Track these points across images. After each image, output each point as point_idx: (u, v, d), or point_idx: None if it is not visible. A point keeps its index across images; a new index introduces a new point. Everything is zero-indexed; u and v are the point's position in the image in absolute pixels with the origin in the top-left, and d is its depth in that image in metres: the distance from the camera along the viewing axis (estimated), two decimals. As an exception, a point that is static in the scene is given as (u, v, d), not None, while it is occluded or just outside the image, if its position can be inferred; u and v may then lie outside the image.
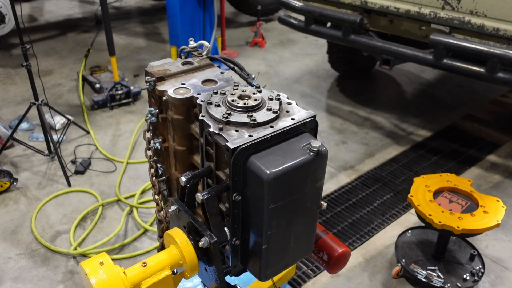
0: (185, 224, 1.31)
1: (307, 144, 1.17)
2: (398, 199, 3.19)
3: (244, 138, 1.15)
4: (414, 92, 4.75)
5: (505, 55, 2.75)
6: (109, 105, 4.23)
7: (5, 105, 4.30)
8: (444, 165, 3.57)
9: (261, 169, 1.11)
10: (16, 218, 2.96)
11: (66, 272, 2.59)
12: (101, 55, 5.21)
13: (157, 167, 1.58)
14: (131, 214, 3.01)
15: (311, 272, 2.61)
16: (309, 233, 1.35)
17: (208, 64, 1.57)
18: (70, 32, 6.19)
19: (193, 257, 1.25)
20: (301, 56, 5.58)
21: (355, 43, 3.44)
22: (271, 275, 1.31)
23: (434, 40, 2.97)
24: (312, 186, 1.21)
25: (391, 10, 3.20)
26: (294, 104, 1.31)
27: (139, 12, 7.20)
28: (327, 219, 3.00)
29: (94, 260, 1.19)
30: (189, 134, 1.41)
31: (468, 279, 2.44)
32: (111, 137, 3.86)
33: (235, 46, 5.81)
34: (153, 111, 1.46)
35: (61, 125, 3.87)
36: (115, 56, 4.01)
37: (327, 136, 3.94)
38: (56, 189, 3.22)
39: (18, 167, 3.43)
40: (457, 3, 2.91)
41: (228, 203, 1.23)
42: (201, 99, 1.31)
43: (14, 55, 5.42)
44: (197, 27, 4.75)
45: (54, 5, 7.29)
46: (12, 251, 2.72)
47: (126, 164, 3.48)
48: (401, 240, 2.69)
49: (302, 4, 3.63)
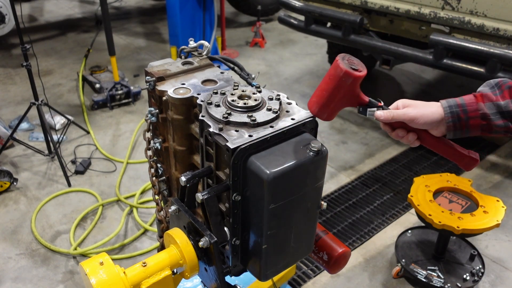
0: (185, 224, 1.31)
1: (307, 144, 1.17)
2: (398, 199, 3.19)
3: (244, 138, 1.15)
4: (414, 92, 4.75)
5: (505, 55, 2.75)
6: (109, 105, 4.23)
7: (5, 105, 4.30)
8: (444, 165, 3.58)
9: (261, 169, 1.11)
10: (16, 218, 2.96)
11: (66, 272, 2.59)
12: (101, 55, 5.21)
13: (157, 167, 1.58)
14: (131, 214, 3.01)
15: (311, 272, 2.61)
16: (309, 233, 1.35)
17: (208, 64, 1.57)
18: (70, 32, 6.19)
19: (193, 257, 1.25)
20: (301, 56, 5.58)
21: (355, 43, 3.44)
22: (271, 275, 1.31)
23: (434, 40, 2.97)
24: (312, 186, 1.21)
25: (391, 10, 3.20)
26: (294, 104, 1.31)
27: (139, 12, 7.20)
28: (327, 219, 3.00)
29: (94, 260, 1.18)
30: (189, 134, 1.40)
31: (468, 279, 2.44)
32: (111, 137, 3.86)
33: (235, 46, 5.81)
34: (153, 111, 1.46)
35: (61, 125, 3.87)
36: (115, 56, 4.01)
37: (327, 136, 3.94)
38: (56, 189, 3.22)
39: (18, 167, 3.43)
40: (457, 3, 2.91)
41: (228, 203, 1.23)
42: (201, 99, 1.31)
43: (14, 55, 5.43)
44: (197, 27, 4.75)
45: (54, 5, 7.29)
46: (12, 251, 2.72)
47: (126, 164, 3.48)
48: (401, 240, 2.69)
49: (302, 4, 3.63)
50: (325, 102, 1.18)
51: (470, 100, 1.18)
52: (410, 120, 1.18)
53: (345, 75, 1.13)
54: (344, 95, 1.17)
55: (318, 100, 1.18)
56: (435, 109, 1.19)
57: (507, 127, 1.17)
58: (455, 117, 1.17)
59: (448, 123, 1.17)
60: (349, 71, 1.12)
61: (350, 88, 1.16)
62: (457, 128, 1.18)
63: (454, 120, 1.17)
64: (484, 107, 1.16)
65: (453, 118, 1.17)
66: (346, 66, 1.13)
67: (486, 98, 1.17)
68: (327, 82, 1.16)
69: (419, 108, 1.19)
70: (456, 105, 1.18)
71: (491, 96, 1.17)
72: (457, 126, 1.17)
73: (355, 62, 1.16)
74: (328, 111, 1.19)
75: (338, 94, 1.16)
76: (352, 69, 1.13)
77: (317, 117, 1.23)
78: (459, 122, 1.17)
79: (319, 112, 1.20)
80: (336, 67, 1.13)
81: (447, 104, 1.18)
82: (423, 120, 1.18)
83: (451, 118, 1.17)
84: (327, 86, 1.16)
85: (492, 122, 1.16)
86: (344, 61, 1.14)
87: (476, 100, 1.18)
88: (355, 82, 1.15)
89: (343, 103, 1.19)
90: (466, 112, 1.17)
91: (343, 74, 1.12)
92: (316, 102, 1.19)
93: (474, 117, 1.16)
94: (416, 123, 1.19)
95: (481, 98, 1.18)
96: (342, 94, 1.16)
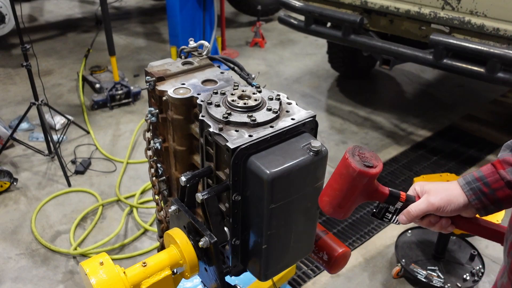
0: (185, 224, 1.31)
1: (307, 144, 1.17)
2: (398, 199, 3.19)
3: (244, 138, 1.15)
4: (414, 92, 4.75)
5: (505, 55, 2.75)
6: (109, 105, 4.23)
7: (5, 105, 4.30)
8: (444, 165, 3.57)
9: (261, 169, 1.11)
10: (16, 218, 2.96)
11: (66, 272, 2.59)
12: (101, 55, 5.21)
13: (157, 167, 1.58)
14: (131, 214, 3.01)
15: (311, 272, 2.61)
16: (309, 233, 1.35)
17: (208, 64, 1.57)
18: (70, 32, 6.19)
19: (193, 257, 1.25)
20: (301, 56, 5.58)
21: (355, 43, 3.44)
22: (271, 275, 1.31)
23: (434, 40, 2.97)
24: (312, 186, 1.21)
25: (391, 10, 3.20)
26: (294, 104, 1.31)
27: (139, 12, 7.20)
28: (327, 219, 3.00)
29: (94, 260, 1.18)
30: (189, 134, 1.40)
31: (468, 279, 2.44)
32: (111, 137, 3.86)
33: (235, 46, 5.81)
34: (153, 111, 1.46)
35: (61, 125, 3.87)
36: (115, 56, 4.01)
37: (327, 136, 3.94)
38: (56, 189, 3.22)
39: (18, 167, 3.43)
40: (457, 3, 2.91)
41: (228, 203, 1.22)
42: (201, 99, 1.31)
43: (14, 55, 5.42)
44: (197, 27, 4.75)
45: (54, 5, 7.29)
46: (12, 251, 2.72)
47: (126, 164, 3.48)
48: (401, 240, 2.69)
49: (302, 4, 3.63)
50: (339, 203, 1.06)
51: (489, 170, 1.04)
52: (436, 210, 1.05)
53: (359, 176, 1.00)
54: (360, 193, 1.05)
55: (332, 200, 1.06)
56: (457, 192, 1.05)
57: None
58: (478, 193, 1.03)
59: (473, 201, 1.03)
60: (364, 170, 0.99)
61: (366, 185, 1.03)
62: (486, 204, 1.03)
63: (478, 197, 1.03)
64: (506, 174, 1.01)
65: (476, 195, 1.03)
66: (359, 165, 0.99)
67: (506, 163, 1.02)
68: (339, 181, 1.03)
69: (443, 195, 1.05)
70: (475, 180, 1.04)
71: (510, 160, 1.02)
72: (484, 202, 1.03)
73: (367, 156, 1.03)
74: (344, 211, 1.08)
75: (353, 194, 1.04)
76: (366, 166, 1.00)
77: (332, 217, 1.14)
78: (485, 197, 1.03)
79: (334, 213, 1.08)
80: (347, 166, 1.00)
81: (464, 182, 1.05)
82: (450, 208, 1.05)
83: (474, 196, 1.03)
84: (340, 186, 1.03)
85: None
86: (355, 157, 1.01)
87: (495, 169, 1.03)
88: (372, 180, 1.03)
89: (360, 199, 1.07)
90: (488, 184, 1.02)
91: (357, 175, 0.99)
92: (330, 202, 1.07)
93: (500, 188, 1.01)
94: (444, 212, 1.05)
95: (500, 165, 1.03)
96: (358, 193, 1.04)
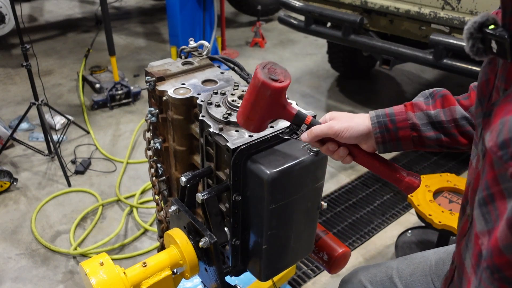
0: (185, 224, 1.31)
1: (307, 144, 1.17)
2: (398, 199, 3.19)
3: (244, 138, 1.15)
4: (414, 92, 4.75)
5: (505, 55, 2.74)
6: (109, 105, 4.23)
7: (5, 105, 4.30)
8: (444, 165, 3.58)
9: (261, 169, 1.11)
10: (16, 218, 2.96)
11: (66, 272, 2.59)
12: (101, 55, 5.21)
13: (157, 167, 1.59)
14: (131, 214, 3.01)
15: (311, 272, 2.61)
16: (309, 233, 1.35)
17: (208, 64, 1.57)
18: (70, 32, 6.19)
19: (193, 257, 1.25)
20: (301, 56, 5.58)
21: (355, 43, 3.44)
22: (271, 275, 1.31)
23: (434, 40, 2.97)
24: (312, 186, 1.21)
25: (391, 10, 3.20)
26: (294, 104, 1.31)
27: (139, 12, 7.20)
28: (327, 219, 3.00)
29: (94, 260, 1.19)
30: (189, 134, 1.41)
31: (468, 279, 2.44)
32: (111, 137, 3.86)
33: (235, 46, 5.81)
34: (153, 111, 1.46)
35: (61, 125, 3.87)
36: (115, 56, 4.01)
37: (327, 136, 3.93)
38: (56, 189, 3.22)
39: (18, 167, 3.43)
40: (457, 3, 2.91)
41: (228, 203, 1.23)
42: (201, 99, 1.31)
43: (14, 55, 5.42)
44: (197, 27, 4.75)
45: (54, 5, 7.29)
46: (12, 251, 2.72)
47: (126, 164, 3.48)
48: (401, 240, 2.69)
49: (302, 4, 3.63)
50: (249, 114, 1.06)
51: (400, 109, 1.06)
52: (335, 134, 1.03)
53: (262, 86, 1.01)
54: (266, 107, 1.04)
55: (243, 111, 1.07)
56: (361, 120, 1.05)
57: (439, 139, 1.05)
58: (382, 127, 1.04)
59: (375, 134, 1.05)
60: (267, 81, 1.00)
61: (272, 99, 1.03)
62: (386, 140, 1.05)
63: (382, 131, 1.04)
64: (413, 116, 1.05)
65: (381, 128, 1.04)
66: (264, 76, 1.01)
67: (416, 107, 1.06)
68: (248, 92, 1.05)
69: (345, 121, 1.05)
70: (384, 115, 1.06)
71: (422, 105, 1.06)
72: (386, 138, 1.05)
73: (277, 71, 1.05)
74: (254, 124, 1.07)
75: (259, 106, 1.04)
76: (271, 79, 1.01)
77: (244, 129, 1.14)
78: (388, 134, 1.05)
79: (245, 124, 1.08)
80: (254, 77, 1.02)
81: (374, 114, 1.07)
82: (348, 133, 1.03)
83: (379, 129, 1.04)
84: (249, 97, 1.05)
85: (423, 133, 1.05)
86: (264, 70, 1.03)
87: (405, 109, 1.06)
88: (276, 94, 1.02)
89: (269, 115, 1.07)
90: (395, 122, 1.04)
91: (261, 85, 1.01)
92: (242, 113, 1.07)
93: (403, 127, 1.04)
94: (342, 137, 1.04)
95: (411, 108, 1.06)
96: (264, 106, 1.04)
